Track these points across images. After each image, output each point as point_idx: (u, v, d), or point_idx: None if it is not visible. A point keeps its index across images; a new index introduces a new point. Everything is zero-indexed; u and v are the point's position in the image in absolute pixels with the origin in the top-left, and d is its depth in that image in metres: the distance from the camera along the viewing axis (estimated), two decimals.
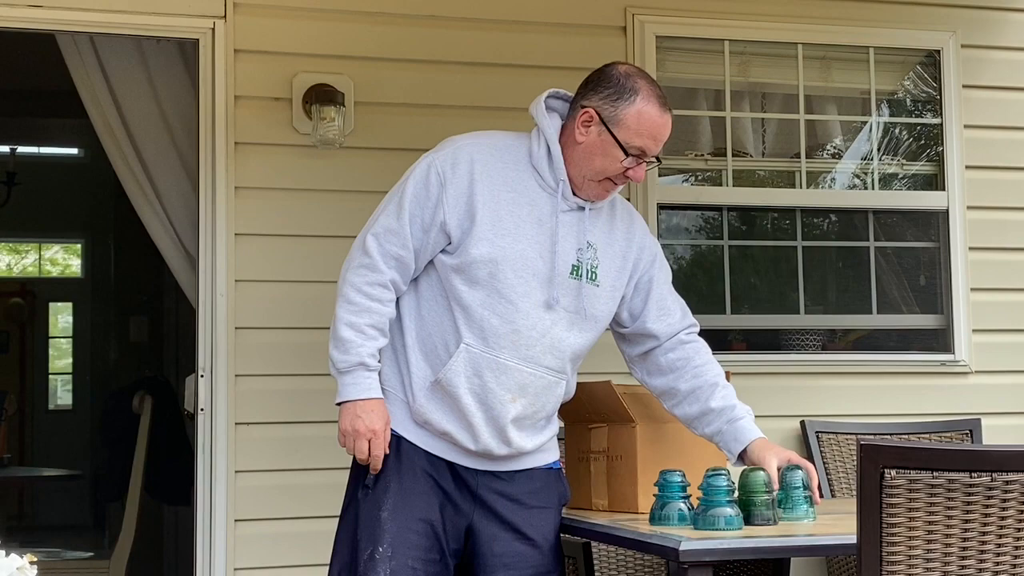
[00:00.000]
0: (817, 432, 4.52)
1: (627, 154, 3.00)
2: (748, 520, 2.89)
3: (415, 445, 3.09)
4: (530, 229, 3.02)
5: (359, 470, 3.13)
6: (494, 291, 3.01)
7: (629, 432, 3.23)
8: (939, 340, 4.80)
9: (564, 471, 3.37)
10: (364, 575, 3.01)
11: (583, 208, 3.07)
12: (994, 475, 2.39)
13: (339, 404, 3.08)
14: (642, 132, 3.01)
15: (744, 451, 3.12)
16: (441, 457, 3.09)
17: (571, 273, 3.05)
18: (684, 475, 2.97)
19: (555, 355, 3.08)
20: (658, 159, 3.10)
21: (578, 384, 3.26)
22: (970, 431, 4.63)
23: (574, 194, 3.07)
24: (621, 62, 3.14)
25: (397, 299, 3.10)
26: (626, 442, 3.23)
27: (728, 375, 3.28)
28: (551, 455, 3.24)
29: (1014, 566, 2.42)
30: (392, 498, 3.04)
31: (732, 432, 3.14)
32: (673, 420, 3.26)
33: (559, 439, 3.37)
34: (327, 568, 3.37)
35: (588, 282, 3.07)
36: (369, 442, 3.03)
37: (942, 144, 4.85)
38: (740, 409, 3.17)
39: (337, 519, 3.53)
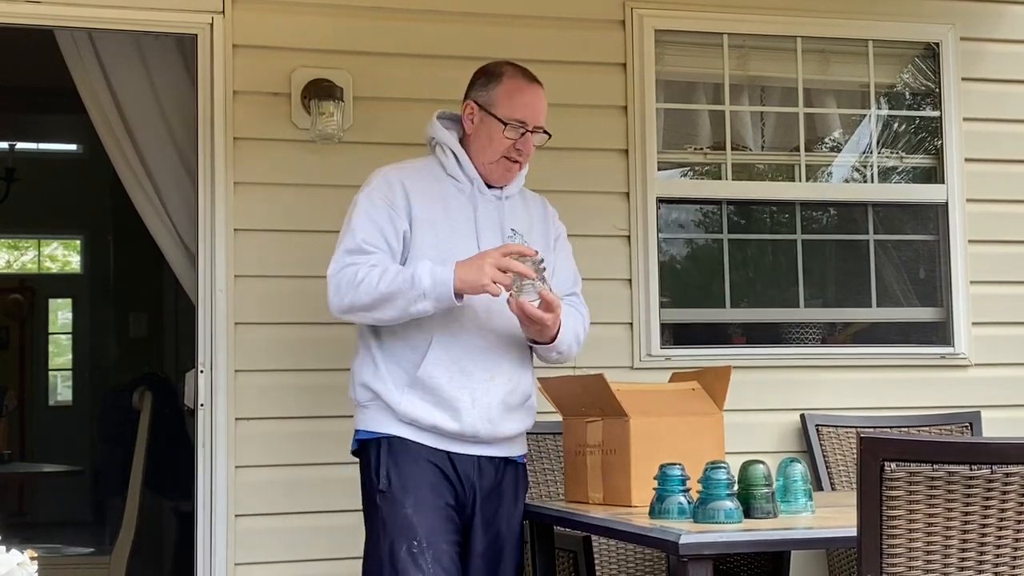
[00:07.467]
0: (817, 425, 4.52)
1: (506, 125, 3.28)
2: (748, 513, 2.90)
3: (410, 440, 3.23)
4: (460, 226, 3.29)
5: (369, 478, 3.26)
6: None
7: (622, 426, 3.23)
8: (939, 333, 4.80)
9: (564, 465, 3.49)
10: (406, 571, 3.13)
11: (500, 198, 3.36)
12: (994, 467, 2.39)
13: (457, 295, 3.13)
14: (514, 104, 3.31)
15: None
16: (437, 448, 3.24)
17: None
18: (684, 468, 2.97)
19: (503, 326, 3.27)
20: (547, 133, 3.35)
21: (575, 377, 3.47)
22: (970, 424, 4.63)
23: (489, 187, 3.35)
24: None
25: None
26: (620, 436, 3.24)
27: (729, 369, 3.35)
28: (524, 448, 3.44)
29: (1014, 558, 2.42)
30: (411, 494, 3.19)
31: None
32: (668, 414, 3.29)
33: (559, 433, 3.40)
34: (329, 563, 3.38)
35: None
36: (495, 271, 3.08)
37: (941, 137, 4.84)
38: None
39: (337, 514, 3.52)
